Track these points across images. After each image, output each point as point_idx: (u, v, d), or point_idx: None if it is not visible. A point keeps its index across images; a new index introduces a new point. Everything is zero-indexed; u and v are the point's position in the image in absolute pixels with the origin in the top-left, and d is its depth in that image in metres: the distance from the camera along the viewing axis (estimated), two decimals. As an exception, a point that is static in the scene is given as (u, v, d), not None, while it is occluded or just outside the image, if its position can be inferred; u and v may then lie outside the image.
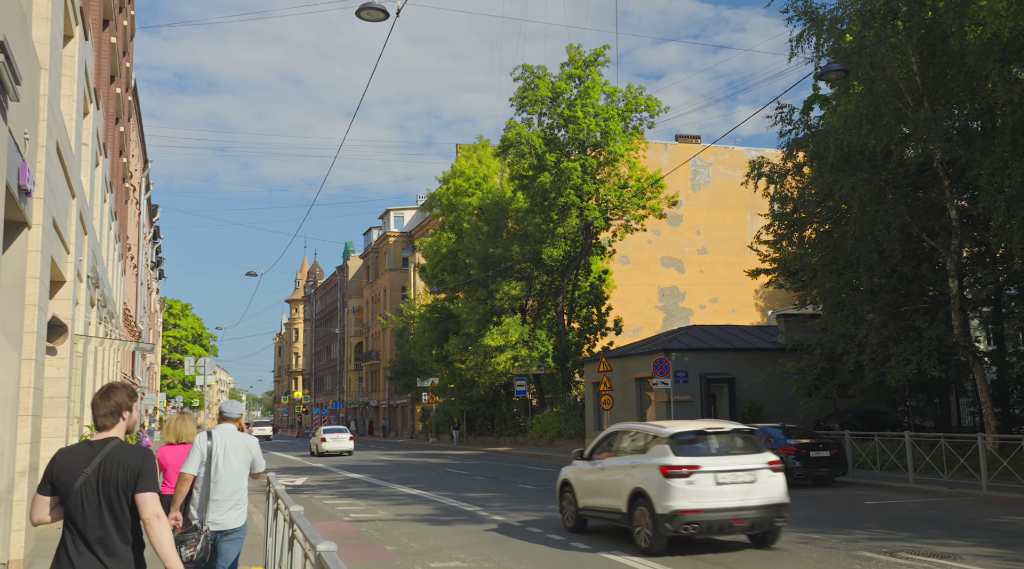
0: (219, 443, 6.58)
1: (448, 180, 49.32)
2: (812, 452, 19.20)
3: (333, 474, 27.76)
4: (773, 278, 29.07)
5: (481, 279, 44.72)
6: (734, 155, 65.48)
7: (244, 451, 6.68)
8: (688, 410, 31.44)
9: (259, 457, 6.86)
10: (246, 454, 6.69)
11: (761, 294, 68.62)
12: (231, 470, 6.55)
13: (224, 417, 6.91)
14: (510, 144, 39.89)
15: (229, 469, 6.53)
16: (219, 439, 6.61)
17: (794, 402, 31.37)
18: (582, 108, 38.84)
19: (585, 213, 40.40)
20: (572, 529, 13.03)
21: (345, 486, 22.78)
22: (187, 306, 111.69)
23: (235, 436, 6.72)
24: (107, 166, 23.83)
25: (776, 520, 10.86)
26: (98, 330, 22.72)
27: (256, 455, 6.80)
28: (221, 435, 6.66)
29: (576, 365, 43.31)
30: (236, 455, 6.61)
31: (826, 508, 15.71)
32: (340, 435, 41.19)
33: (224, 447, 6.57)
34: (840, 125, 20.10)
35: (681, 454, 10.88)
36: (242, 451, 6.66)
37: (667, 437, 11.17)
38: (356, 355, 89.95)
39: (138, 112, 42.75)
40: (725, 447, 11.29)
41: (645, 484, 10.98)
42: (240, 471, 6.65)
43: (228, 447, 6.59)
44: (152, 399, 65.35)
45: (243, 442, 6.72)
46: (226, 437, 6.66)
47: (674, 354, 31.77)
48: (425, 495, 19.40)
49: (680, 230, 64.30)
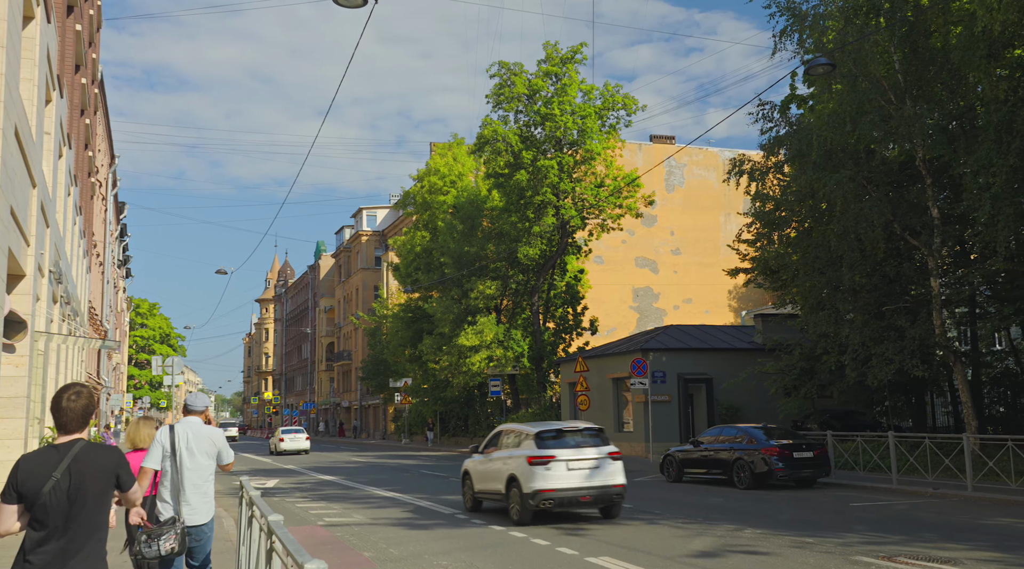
0: (181, 436, 6.43)
1: (422, 178, 48.70)
2: (795, 453, 18.91)
3: (305, 476, 27.12)
4: (752, 277, 28.84)
5: (456, 278, 44.18)
6: (708, 156, 65.59)
7: (208, 443, 6.52)
8: (666, 411, 31.17)
9: (225, 448, 6.68)
10: (210, 446, 6.53)
11: (735, 295, 68.83)
12: (196, 463, 6.42)
13: (189, 410, 6.76)
14: (486, 141, 39.38)
15: (194, 462, 6.41)
16: (181, 432, 6.46)
17: (773, 402, 31.19)
18: (559, 105, 38.44)
19: (561, 212, 39.99)
20: (470, 509, 15.84)
21: (318, 489, 22.18)
22: (155, 305, 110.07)
23: (199, 429, 6.57)
24: (71, 158, 23.04)
25: (614, 497, 13.92)
26: (61, 327, 21.92)
27: (222, 447, 6.63)
28: (184, 428, 6.51)
29: (552, 365, 42.91)
30: (200, 448, 6.46)
31: (813, 510, 15.40)
32: (297, 435, 44.42)
33: (187, 440, 6.43)
34: (823, 122, 19.84)
35: (543, 447, 13.87)
36: (206, 443, 6.51)
37: (534, 434, 14.21)
38: (327, 355, 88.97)
39: (105, 106, 41.74)
40: (577, 442, 14.17)
41: (516, 471, 13.94)
42: (205, 464, 6.51)
43: (192, 440, 6.45)
44: (118, 400, 64.06)
45: (207, 434, 6.57)
46: (189, 430, 6.50)
47: (652, 354, 31.47)
48: (401, 498, 18.87)
49: (654, 231, 64.30)
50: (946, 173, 21.06)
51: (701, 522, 13.73)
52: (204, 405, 6.81)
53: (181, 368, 33.32)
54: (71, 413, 4.16)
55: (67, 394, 4.21)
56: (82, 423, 4.21)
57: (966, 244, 21.61)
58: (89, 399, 4.27)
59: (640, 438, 31.58)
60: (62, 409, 4.17)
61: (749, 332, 34.88)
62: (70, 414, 4.16)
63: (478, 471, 15.70)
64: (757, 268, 27.64)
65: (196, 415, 6.71)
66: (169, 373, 33.45)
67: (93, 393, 4.37)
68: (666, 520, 14.10)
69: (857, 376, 21.98)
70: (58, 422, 4.20)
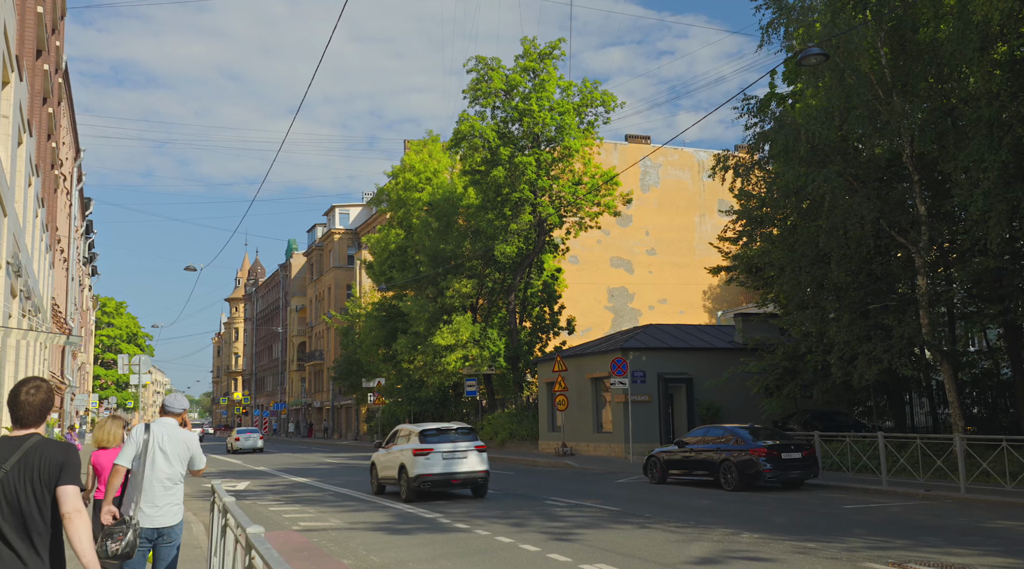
0: (156, 437, 6.32)
1: (397, 174, 47.93)
2: (784, 454, 18.46)
3: (277, 478, 26.30)
4: (734, 276, 28.43)
5: (431, 276, 43.47)
6: (683, 156, 65.45)
7: (182, 447, 6.40)
8: (646, 411, 30.71)
9: (198, 454, 6.56)
10: (184, 450, 6.41)
11: (709, 295, 68.78)
12: (168, 465, 6.29)
13: (166, 411, 6.61)
14: (463, 137, 38.68)
15: (166, 464, 6.28)
16: (157, 433, 6.34)
17: (754, 402, 30.86)
18: (537, 101, 37.87)
19: (539, 209, 39.44)
20: (376, 493, 19.54)
21: (291, 491, 21.41)
22: (122, 304, 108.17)
23: (174, 431, 6.45)
24: (32, 146, 22.08)
25: (479, 480, 17.99)
26: (20, 323, 20.97)
27: (195, 452, 6.51)
28: (160, 429, 6.38)
29: (528, 365, 42.33)
30: (174, 450, 6.34)
31: (807, 513, 14.94)
32: (251, 434, 48.70)
33: (161, 441, 6.31)
34: (812, 116, 19.43)
35: (425, 442, 17.76)
36: (179, 447, 6.38)
37: (418, 432, 18.14)
38: (299, 355, 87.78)
39: (70, 97, 40.56)
40: (452, 438, 18.01)
41: (405, 461, 17.80)
42: (177, 467, 6.37)
43: (166, 441, 6.33)
44: (83, 400, 62.53)
45: (182, 438, 6.45)
46: (165, 431, 6.37)
47: (632, 353, 30.99)
48: (380, 501, 18.18)
49: (629, 231, 64.09)
50: (934, 170, 20.75)
51: (695, 526, 13.20)
52: (182, 407, 6.66)
53: (148, 367, 32.31)
54: (29, 407, 4.09)
55: (26, 387, 4.13)
56: (40, 418, 4.13)
57: (955, 241, 21.28)
58: (48, 394, 4.17)
59: (620, 439, 31.10)
60: (20, 403, 4.09)
61: (729, 332, 34.53)
62: (28, 408, 4.09)
63: (381, 462, 19.42)
64: (739, 266, 27.21)
65: (173, 417, 6.57)
66: (136, 372, 32.42)
67: (52, 388, 4.24)
68: (657, 524, 13.56)
69: (843, 375, 21.60)
70: (14, 416, 4.09)
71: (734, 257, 27.69)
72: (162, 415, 6.59)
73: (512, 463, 32.23)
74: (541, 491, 19.74)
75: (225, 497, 7.09)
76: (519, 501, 17.59)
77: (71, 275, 49.04)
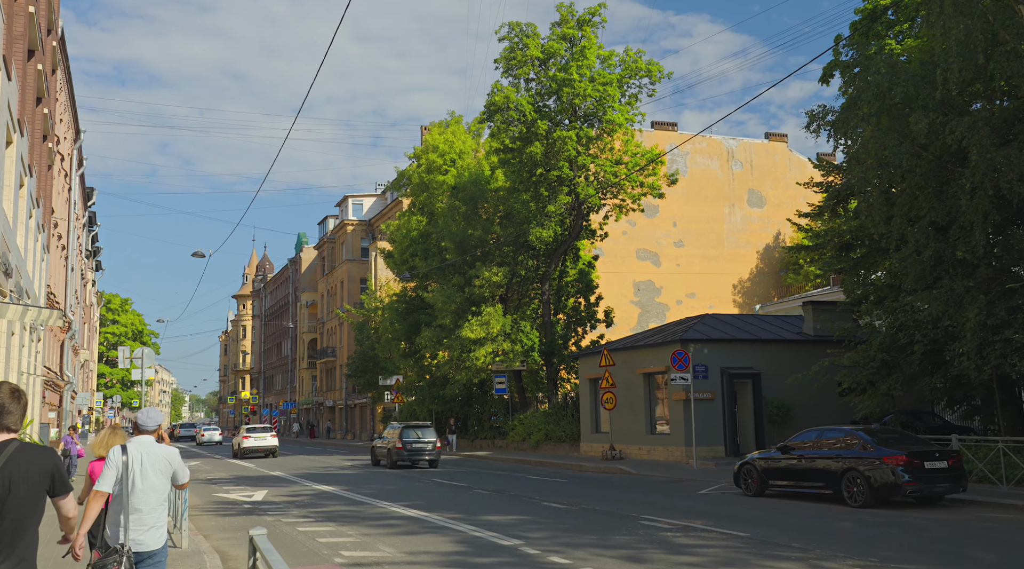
0: (135, 457, 5.91)
1: (420, 156, 44.54)
2: (927, 462, 15.07)
3: (298, 485, 22.95)
4: (819, 256, 24.94)
5: (458, 264, 40.13)
6: (712, 144, 62.09)
7: (163, 464, 6.01)
8: (708, 410, 27.32)
9: (180, 468, 6.15)
10: (166, 467, 6.03)
11: (739, 289, 65.51)
12: (150, 485, 5.91)
13: (140, 429, 6.15)
14: (496, 109, 35.22)
15: (148, 484, 5.90)
16: (135, 453, 5.93)
17: (830, 401, 27.53)
18: (577, 70, 34.46)
19: (578, 189, 36.09)
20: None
21: (318, 503, 18.07)
22: (127, 301, 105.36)
23: (153, 448, 6.03)
24: (13, 94, 18.83)
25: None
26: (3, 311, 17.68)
27: (177, 467, 6.11)
28: (137, 448, 5.97)
29: (564, 360, 38.96)
30: (155, 469, 5.96)
31: (1009, 545, 11.55)
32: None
33: (141, 461, 5.92)
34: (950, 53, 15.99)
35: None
36: (161, 464, 6.00)
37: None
38: (310, 352, 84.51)
39: (67, 68, 37.32)
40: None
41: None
42: (160, 486, 5.98)
43: (146, 461, 5.94)
44: (85, 399, 59.34)
45: (162, 454, 6.03)
46: (143, 450, 5.98)
47: (692, 345, 27.60)
48: (431, 519, 14.84)
49: (656, 221, 61.02)
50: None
51: (881, 564, 9.82)
52: (156, 423, 6.21)
53: (152, 362, 29.00)
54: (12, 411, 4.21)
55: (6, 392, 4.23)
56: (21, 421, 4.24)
57: None
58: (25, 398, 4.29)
59: (679, 441, 27.72)
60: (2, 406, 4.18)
61: (793, 322, 31.13)
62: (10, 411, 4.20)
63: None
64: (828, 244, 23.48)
65: (148, 434, 6.14)
66: (138, 366, 29.09)
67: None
68: (830, 561, 10.17)
69: (975, 368, 18.11)
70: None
71: (817, 235, 24.14)
72: (136, 433, 6.17)
73: (556, 468, 28.88)
74: (622, 505, 16.39)
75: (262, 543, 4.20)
76: (607, 520, 14.24)
77: (71, 265, 45.87)
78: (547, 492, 19.66)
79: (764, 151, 66.45)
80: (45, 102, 27.07)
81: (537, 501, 17.58)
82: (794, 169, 67.01)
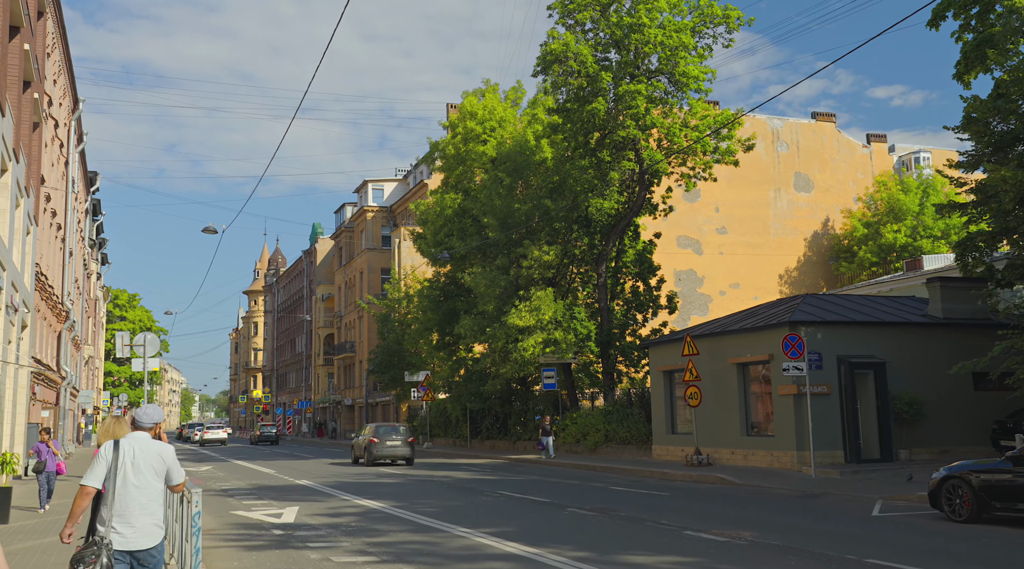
0: (126, 453, 5.76)
1: (456, 125, 39.81)
2: None
3: (335, 500, 18.21)
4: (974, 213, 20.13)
5: (502, 243, 35.47)
6: (756, 124, 57.17)
7: (157, 461, 5.81)
8: (821, 407, 22.55)
9: (175, 466, 5.93)
10: (159, 464, 5.82)
11: (786, 279, 60.85)
12: (142, 482, 5.71)
13: (137, 426, 5.98)
14: (554, 59, 30.39)
15: (140, 480, 5.71)
16: (127, 448, 5.78)
17: (968, 396, 22.99)
18: (647, 14, 29.70)
19: (643, 154, 31.37)
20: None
21: (371, 530, 13.33)
22: (135, 296, 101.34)
23: (146, 445, 5.85)
24: None
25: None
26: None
27: (171, 465, 5.90)
28: (130, 444, 5.82)
29: (624, 351, 34.22)
30: (147, 465, 5.75)
31: None
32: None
33: (132, 457, 5.75)
34: None
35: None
36: (154, 460, 5.80)
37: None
38: (326, 348, 79.98)
39: (59, 19, 32.82)
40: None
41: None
42: (153, 483, 5.79)
43: (138, 457, 5.76)
44: (88, 397, 54.84)
45: (155, 451, 5.85)
46: (135, 446, 5.81)
47: (803, 328, 22.87)
48: (550, 561, 10.15)
49: (697, 206, 56.55)
50: None
51: None
52: (153, 421, 5.99)
53: (156, 348, 24.42)
54: None
55: None
56: None
57: None
58: None
59: (787, 444, 22.95)
60: None
61: (915, 304, 26.36)
62: None
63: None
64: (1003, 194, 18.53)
65: (145, 431, 5.94)
66: (140, 355, 24.54)
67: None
68: None
69: None
70: None
71: (977, 189, 19.35)
72: (134, 429, 5.97)
73: (633, 476, 24.20)
74: (769, 532, 11.74)
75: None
76: (806, 563, 9.53)
77: (69, 248, 41.42)
78: (664, 512, 14.97)
79: (811, 132, 61.87)
80: (24, 35, 22.60)
81: (675, 529, 12.81)
82: (843, 151, 62.26)
